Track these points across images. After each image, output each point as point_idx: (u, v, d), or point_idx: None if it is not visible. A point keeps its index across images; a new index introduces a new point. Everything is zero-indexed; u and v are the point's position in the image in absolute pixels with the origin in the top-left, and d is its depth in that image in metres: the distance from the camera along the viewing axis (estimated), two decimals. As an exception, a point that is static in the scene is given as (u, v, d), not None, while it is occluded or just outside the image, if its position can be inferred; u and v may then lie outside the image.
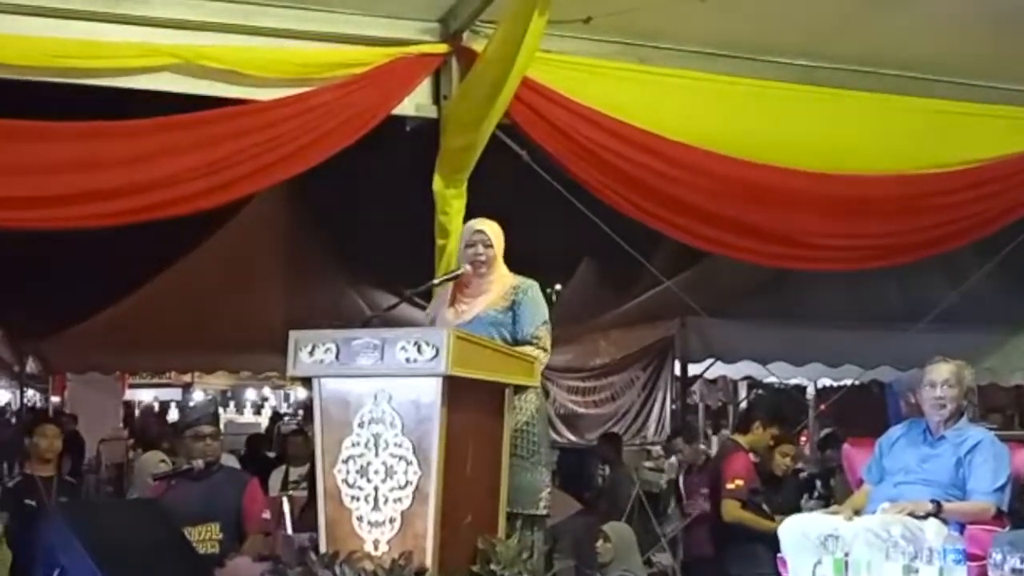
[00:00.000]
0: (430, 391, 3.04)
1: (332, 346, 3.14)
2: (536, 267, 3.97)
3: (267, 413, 17.05)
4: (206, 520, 4.15)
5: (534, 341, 3.59)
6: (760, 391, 10.22)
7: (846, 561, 3.32)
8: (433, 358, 3.00)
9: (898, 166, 5.23)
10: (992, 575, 3.14)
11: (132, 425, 12.46)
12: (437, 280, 3.87)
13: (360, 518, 3.11)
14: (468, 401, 3.13)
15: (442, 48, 4.60)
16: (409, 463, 3.05)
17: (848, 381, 8.13)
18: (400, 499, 3.06)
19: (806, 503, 5.70)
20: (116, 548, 3.46)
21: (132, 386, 15.43)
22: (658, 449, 8.36)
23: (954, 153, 5.30)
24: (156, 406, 16.48)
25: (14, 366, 10.29)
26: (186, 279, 9.15)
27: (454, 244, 4.24)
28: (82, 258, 11.64)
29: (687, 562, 5.88)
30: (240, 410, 18.06)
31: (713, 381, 10.33)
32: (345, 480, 3.13)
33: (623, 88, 4.79)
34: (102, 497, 8.35)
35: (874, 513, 3.59)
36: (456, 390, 3.06)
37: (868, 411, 8.76)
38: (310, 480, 5.00)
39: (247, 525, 4.27)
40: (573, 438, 9.69)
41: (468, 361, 3.08)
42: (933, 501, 3.54)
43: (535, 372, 3.48)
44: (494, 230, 3.73)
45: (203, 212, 4.54)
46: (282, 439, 9.08)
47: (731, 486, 5.04)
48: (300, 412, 14.53)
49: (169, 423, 11.11)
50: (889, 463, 3.83)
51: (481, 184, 4.62)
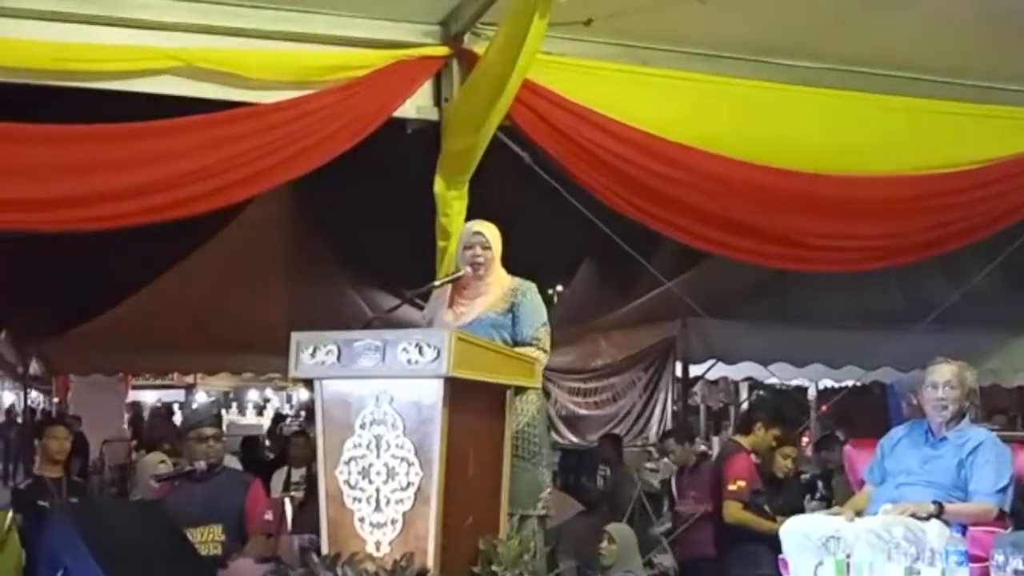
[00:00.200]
0: (431, 392, 3.05)
1: (334, 348, 3.15)
2: (537, 268, 3.98)
3: (269, 414, 17.07)
4: (208, 521, 4.14)
5: (534, 342, 3.60)
6: (761, 392, 10.21)
7: (848, 562, 3.32)
8: (434, 360, 3.00)
9: (898, 167, 5.22)
10: (994, 576, 3.14)
11: (141, 426, 12.44)
12: (438, 282, 3.88)
13: (362, 519, 3.11)
14: (469, 402, 3.14)
15: (443, 51, 4.60)
16: (411, 464, 3.06)
17: (849, 382, 8.13)
18: (402, 500, 3.06)
19: (808, 504, 5.69)
20: (119, 549, 3.47)
21: (135, 387, 15.45)
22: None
23: (955, 154, 5.29)
24: (163, 408, 16.47)
25: (18, 367, 10.33)
26: (188, 281, 9.18)
27: (455, 246, 4.24)
28: (85, 260, 11.68)
29: (683, 563, 5.86)
30: (242, 411, 18.09)
31: (714, 382, 10.30)
32: (347, 481, 3.13)
33: (624, 90, 4.79)
34: (106, 498, 8.35)
35: (876, 514, 3.59)
36: (457, 391, 3.06)
37: (869, 412, 8.75)
38: (308, 481, 5.02)
39: (249, 526, 4.27)
40: (574, 439, 9.68)
41: (469, 362, 3.09)
42: (935, 502, 3.54)
43: (536, 373, 3.49)
44: (492, 232, 3.74)
45: (205, 214, 4.54)
46: (283, 440, 9.07)
47: (733, 487, 5.04)
48: (302, 413, 14.54)
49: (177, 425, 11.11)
50: (891, 464, 3.82)
51: (482, 186, 4.62)
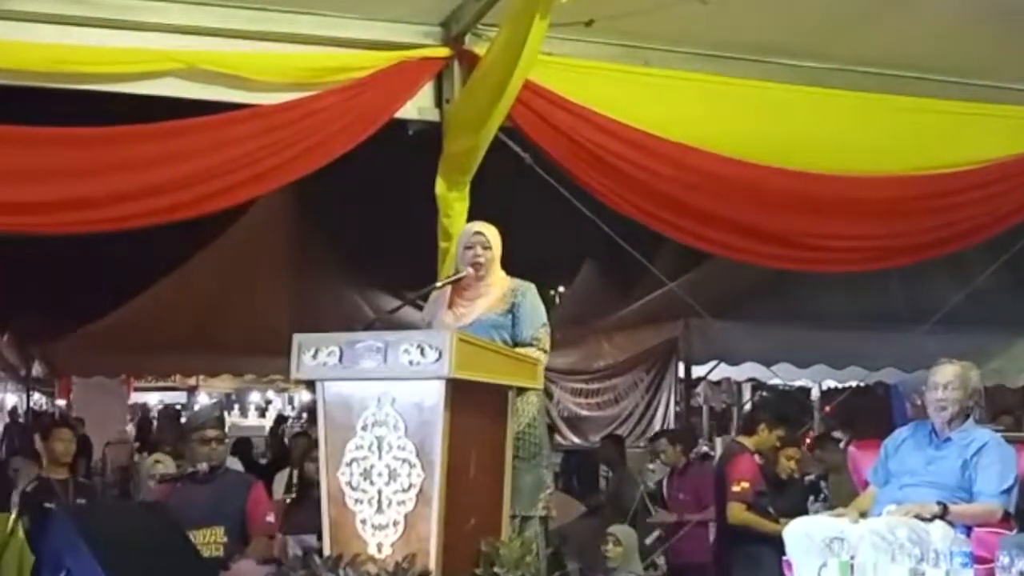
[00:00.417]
0: (433, 394, 3.04)
1: (335, 349, 3.14)
2: (538, 269, 3.98)
3: (271, 416, 17.06)
4: (211, 523, 4.14)
5: (534, 343, 3.60)
6: (764, 393, 10.19)
7: (852, 564, 3.32)
8: (436, 361, 3.00)
9: (901, 167, 5.21)
10: (998, 578, 3.13)
11: (148, 428, 12.44)
12: (440, 283, 3.87)
13: (363, 521, 3.11)
14: (471, 403, 3.13)
15: (444, 52, 4.60)
16: (412, 466, 3.05)
17: (853, 383, 8.11)
18: (403, 502, 3.06)
19: (812, 505, 5.68)
20: (121, 551, 3.47)
21: (137, 389, 15.46)
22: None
23: (958, 153, 5.28)
24: (172, 410, 16.48)
25: (20, 369, 10.33)
26: (191, 282, 9.18)
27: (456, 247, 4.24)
28: (88, 262, 11.70)
29: (676, 569, 5.78)
30: (244, 413, 18.09)
31: (717, 383, 10.29)
32: (348, 483, 3.13)
33: (625, 90, 4.79)
34: (108, 500, 8.36)
35: (880, 515, 3.58)
36: (459, 393, 3.06)
37: (873, 413, 8.73)
38: (300, 482, 5.01)
39: (251, 528, 4.27)
40: (576, 440, 9.67)
41: (471, 364, 3.08)
42: (939, 503, 3.54)
43: (537, 374, 3.48)
44: (493, 233, 3.74)
45: (208, 216, 4.54)
46: (283, 441, 9.07)
47: (736, 488, 5.04)
48: (304, 415, 14.53)
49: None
50: (895, 465, 3.82)
51: (483, 187, 4.62)
